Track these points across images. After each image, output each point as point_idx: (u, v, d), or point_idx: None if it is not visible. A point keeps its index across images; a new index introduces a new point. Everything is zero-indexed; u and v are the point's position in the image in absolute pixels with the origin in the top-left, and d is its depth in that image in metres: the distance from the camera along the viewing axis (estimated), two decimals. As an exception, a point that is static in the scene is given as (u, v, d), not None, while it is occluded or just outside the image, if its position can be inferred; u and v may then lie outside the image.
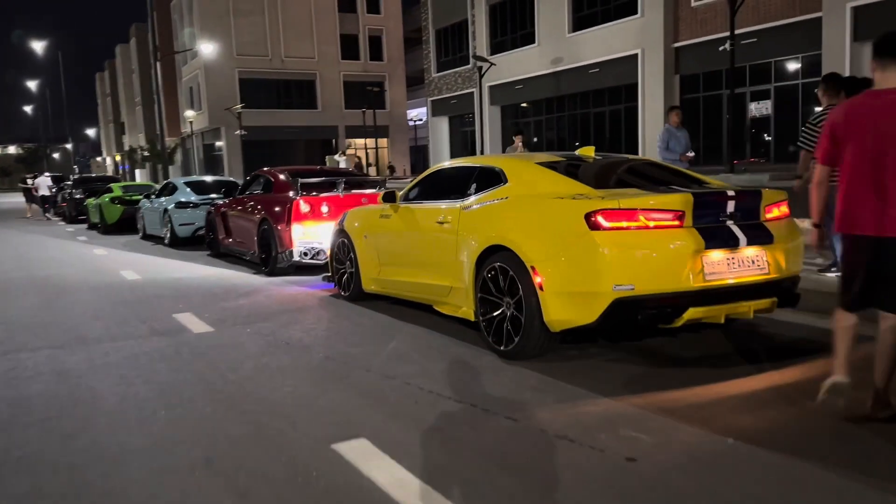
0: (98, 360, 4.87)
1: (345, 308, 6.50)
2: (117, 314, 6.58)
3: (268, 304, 6.85)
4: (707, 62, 23.72)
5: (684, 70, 24.75)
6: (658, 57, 24.92)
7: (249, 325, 5.87)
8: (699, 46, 23.87)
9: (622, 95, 27.25)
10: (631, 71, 25.94)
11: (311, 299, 7.08)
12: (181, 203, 12.73)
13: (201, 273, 9.32)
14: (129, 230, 16.07)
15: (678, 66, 24.87)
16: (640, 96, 25.62)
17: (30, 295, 7.92)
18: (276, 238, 8.51)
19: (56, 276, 9.38)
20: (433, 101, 39.81)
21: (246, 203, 9.71)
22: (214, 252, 11.07)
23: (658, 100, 24.96)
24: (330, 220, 8.34)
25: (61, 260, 11.45)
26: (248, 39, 52.80)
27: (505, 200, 4.68)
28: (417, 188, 5.92)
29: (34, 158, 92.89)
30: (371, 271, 6.36)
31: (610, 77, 27.02)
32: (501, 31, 32.96)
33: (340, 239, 6.90)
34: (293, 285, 7.97)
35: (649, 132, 25.27)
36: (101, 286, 8.38)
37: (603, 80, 27.39)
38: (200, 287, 8.10)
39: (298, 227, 8.32)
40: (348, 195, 8.57)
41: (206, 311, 6.58)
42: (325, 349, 5.03)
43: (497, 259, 4.51)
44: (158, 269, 9.90)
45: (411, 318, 5.83)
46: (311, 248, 8.36)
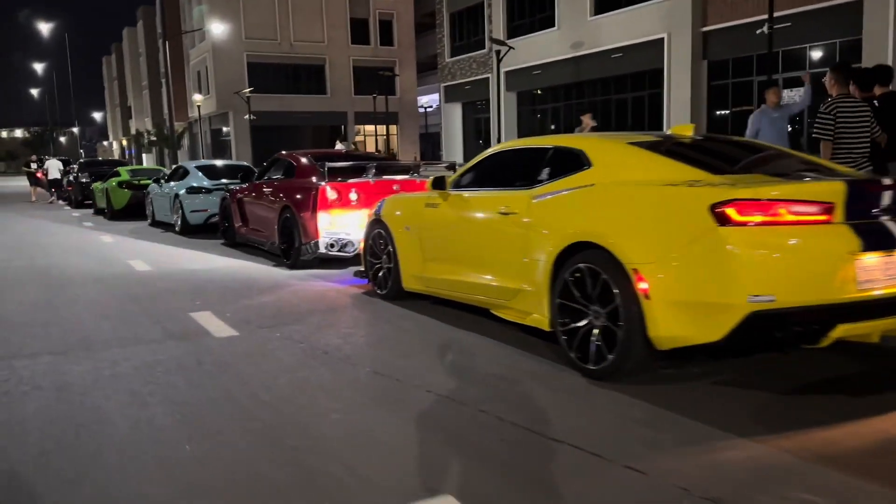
0: (106, 371, 4.14)
1: (383, 309, 5.76)
2: (127, 312, 5.85)
3: (295, 303, 6.11)
4: (737, 47, 22.79)
5: (713, 56, 23.81)
6: (685, 42, 23.99)
7: (277, 328, 5.13)
8: (729, 31, 22.92)
9: (646, 82, 26.33)
10: (656, 56, 25.01)
11: (342, 297, 6.34)
12: (193, 188, 11.99)
13: (217, 264, 8.58)
14: (136, 216, 15.37)
15: (706, 51, 23.93)
16: (666, 83, 24.71)
17: (30, 287, 7.20)
18: (300, 228, 7.77)
19: (59, 266, 8.66)
20: (446, 87, 38.90)
21: (265, 189, 8.96)
22: (229, 241, 10.34)
23: (685, 87, 24.06)
24: (359, 208, 7.61)
25: (66, 247, 10.73)
26: (256, 22, 51.86)
27: (590, 188, 3.91)
28: (471, 173, 5.16)
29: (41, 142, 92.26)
30: (413, 267, 5.61)
31: (633, 62, 26.10)
32: (519, 15, 32.01)
33: (376, 230, 6.15)
34: (319, 280, 7.23)
35: (675, 120, 24.38)
36: (109, 278, 7.65)
37: (626, 65, 26.47)
38: (217, 281, 7.37)
39: (325, 215, 7.57)
40: (379, 181, 7.82)
41: (226, 309, 5.85)
42: (369, 361, 4.29)
43: (583, 259, 3.75)
44: (170, 259, 9.17)
45: (463, 323, 5.08)
46: (339, 240, 7.61)
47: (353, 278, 7.17)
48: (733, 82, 23.67)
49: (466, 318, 5.22)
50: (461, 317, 5.26)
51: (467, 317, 5.24)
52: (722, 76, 23.89)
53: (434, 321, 5.22)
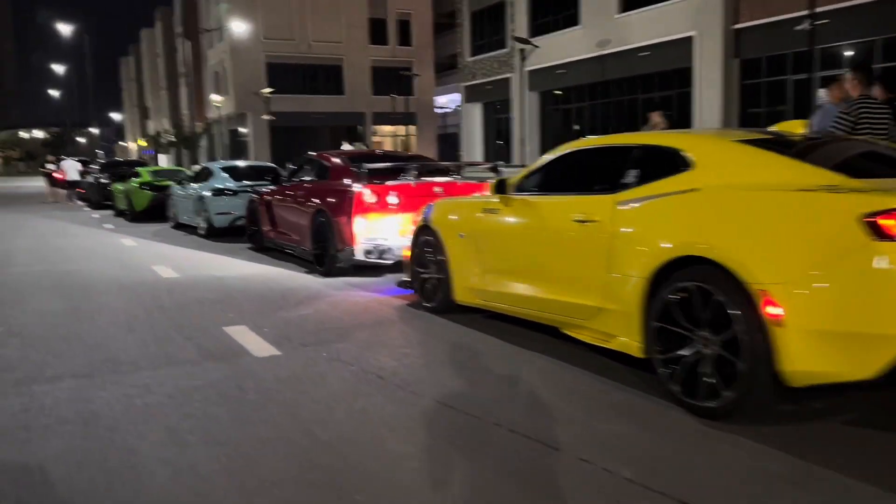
0: (137, 399, 3.67)
1: (435, 324, 5.25)
2: (155, 325, 5.38)
3: (336, 316, 5.62)
4: (771, 45, 22.12)
5: (745, 54, 23.13)
6: (716, 39, 23.33)
7: (323, 347, 4.64)
8: (762, 28, 22.25)
9: (674, 80, 25.69)
10: (685, 54, 24.36)
11: (386, 310, 5.84)
12: (218, 190, 11.56)
13: (246, 271, 8.12)
14: (158, 218, 14.98)
15: (738, 49, 23.26)
16: (696, 81, 24.06)
17: (50, 296, 6.76)
18: (335, 233, 7.29)
19: (81, 272, 8.23)
20: (466, 87, 38.40)
21: (297, 191, 8.49)
22: (257, 246, 9.89)
23: (715, 85, 23.40)
24: (399, 212, 7.12)
25: (86, 251, 10.33)
26: (274, 23, 51.62)
27: (695, 193, 3.38)
28: (537, 176, 4.64)
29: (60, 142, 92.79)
30: (468, 279, 5.10)
31: (661, 61, 25.47)
32: (543, 13, 31.44)
33: (424, 237, 5.64)
34: (358, 290, 6.74)
35: (706, 120, 23.72)
36: (133, 286, 7.21)
37: (653, 64, 25.84)
38: (249, 289, 6.90)
39: (362, 220, 7.08)
40: (419, 184, 7.32)
41: (262, 323, 5.37)
42: (433, 389, 3.78)
43: (690, 276, 3.23)
44: (196, 264, 8.72)
45: (528, 342, 4.57)
46: (377, 247, 7.12)
47: (394, 288, 6.68)
48: (767, 81, 22.98)
49: (530, 336, 4.70)
50: (524, 335, 4.74)
51: (531, 335, 4.72)
52: (754, 75, 23.20)
53: (495, 339, 4.71)
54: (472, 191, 7.54)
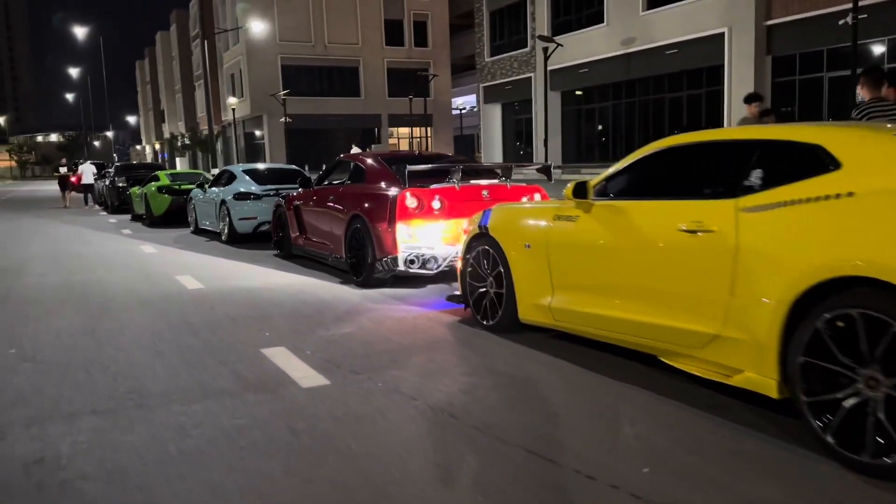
0: (171, 446, 3.09)
1: (498, 346, 4.65)
2: (185, 347, 4.82)
3: (383, 335, 5.03)
4: (805, 41, 21.38)
5: (778, 51, 22.39)
6: (748, 36, 22.61)
7: (376, 375, 4.05)
8: (796, 24, 21.51)
9: (703, 79, 24.98)
10: (715, 52, 23.65)
11: (437, 328, 5.24)
12: (241, 194, 11.03)
13: (276, 281, 7.56)
14: (177, 223, 14.52)
15: (770, 46, 22.52)
16: (726, 79, 23.34)
17: (68, 311, 6.22)
18: (374, 241, 6.71)
19: (100, 283, 7.70)
20: (485, 87, 37.81)
21: (329, 196, 7.92)
22: (284, 253, 9.33)
23: (747, 83, 22.64)
24: (443, 218, 6.55)
25: (104, 259, 9.81)
26: (290, 25, 51.30)
27: (849, 199, 2.76)
28: (624, 177, 4.02)
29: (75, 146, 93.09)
30: (536, 295, 4.50)
31: (690, 59, 24.75)
32: (565, 11, 30.81)
33: (480, 247, 5.04)
34: (400, 303, 6.15)
35: (736, 119, 22.98)
36: (157, 299, 6.66)
37: (681, 62, 25.13)
38: (282, 303, 6.33)
39: (404, 227, 6.50)
40: (465, 187, 6.73)
41: (303, 343, 4.80)
42: (518, 433, 3.17)
43: (853, 300, 2.61)
44: (222, 274, 8.17)
45: (613, 370, 3.96)
46: (420, 255, 6.53)
47: (442, 302, 6.08)
48: (800, 79, 22.22)
49: (612, 361, 4.10)
50: (604, 360, 4.14)
51: (613, 360, 4.11)
52: (788, 72, 22.45)
53: (573, 366, 4.10)
54: (521, 194, 6.96)
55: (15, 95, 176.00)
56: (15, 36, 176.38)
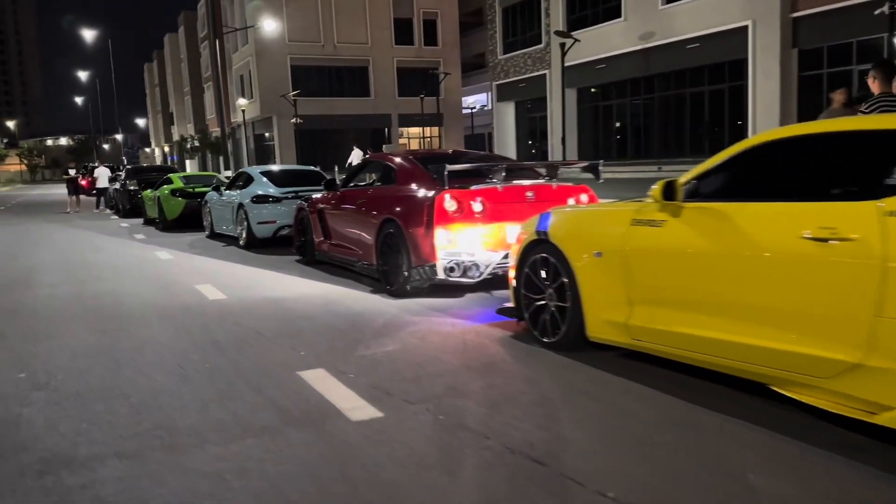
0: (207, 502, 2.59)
1: (565, 369, 4.13)
2: (213, 370, 4.33)
3: (432, 354, 4.53)
4: (833, 34, 20.75)
5: (804, 44, 21.76)
6: (773, 29, 21.97)
7: (434, 405, 3.55)
8: (823, 16, 20.87)
9: (726, 73, 24.36)
10: (738, 45, 23.02)
11: (490, 345, 4.73)
12: (259, 197, 10.55)
13: (302, 291, 7.06)
14: (191, 227, 14.09)
15: (796, 38, 21.89)
16: (751, 74, 22.71)
17: (82, 326, 5.75)
18: (409, 247, 6.21)
19: (113, 295, 7.23)
20: (498, 86, 37.27)
21: (357, 198, 7.43)
22: (307, 259, 8.84)
23: (773, 77, 22.05)
24: (485, 222, 6.04)
25: (118, 267, 9.35)
26: (300, 25, 50.86)
27: None
28: (720, 176, 3.50)
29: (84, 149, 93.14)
30: (609, 310, 3.98)
31: (712, 53, 24.13)
32: (581, 6, 30.21)
33: (538, 255, 4.53)
34: (442, 315, 5.65)
35: (762, 114, 22.38)
36: (177, 312, 6.17)
37: (703, 56, 24.51)
38: (312, 315, 5.83)
39: (443, 232, 5.99)
40: (508, 187, 6.22)
41: (344, 364, 4.30)
42: (619, 483, 2.65)
43: None
44: (244, 283, 7.68)
45: (705, 398, 3.44)
46: (461, 263, 6.02)
47: (488, 313, 5.57)
48: (828, 72, 21.55)
49: (710, 390, 3.58)
50: (697, 387, 3.62)
51: (710, 388, 3.60)
52: (815, 66, 21.80)
53: (662, 395, 3.58)
54: (567, 195, 6.44)
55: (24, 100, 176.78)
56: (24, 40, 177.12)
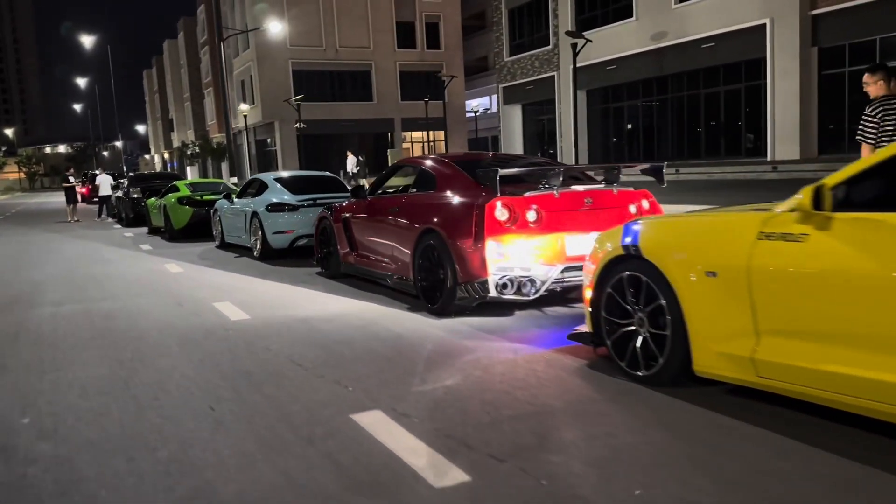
0: None
1: (671, 410, 3.49)
2: (250, 413, 3.69)
3: (501, 389, 3.89)
4: (855, 31, 20.19)
5: (824, 41, 21.19)
6: (792, 27, 21.41)
7: (528, 462, 2.91)
8: (844, 13, 20.32)
9: (742, 73, 23.80)
10: (755, 44, 22.46)
11: (567, 378, 4.08)
12: (274, 205, 9.92)
13: (331, 309, 6.42)
14: (199, 236, 13.50)
15: (816, 36, 21.31)
16: (769, 73, 22.12)
17: (93, 354, 5.11)
18: (455, 261, 5.57)
19: (125, 314, 6.59)
20: (504, 88, 36.71)
21: (390, 206, 6.80)
22: (330, 272, 8.20)
23: (792, 77, 21.47)
24: (540, 232, 5.41)
25: (128, 281, 8.71)
26: (301, 29, 50.27)
27: None
28: (880, 179, 2.87)
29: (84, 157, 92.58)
30: (726, 340, 3.34)
31: (728, 52, 23.57)
32: (590, 6, 29.66)
33: (625, 273, 3.90)
34: (497, 338, 5.01)
35: (781, 114, 21.79)
36: (197, 336, 5.53)
37: (719, 55, 23.95)
38: (350, 339, 5.19)
39: (495, 244, 5.36)
40: (565, 193, 5.59)
41: (402, 403, 3.67)
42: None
43: None
44: (265, 300, 7.04)
45: (870, 453, 2.80)
46: (515, 278, 5.39)
47: (553, 336, 4.94)
48: (850, 70, 20.95)
49: (872, 444, 2.94)
50: (853, 438, 2.98)
51: (872, 442, 2.96)
52: (836, 64, 21.21)
53: (806, 448, 2.94)
54: (629, 200, 5.82)
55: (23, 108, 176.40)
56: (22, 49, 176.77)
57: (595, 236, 5.50)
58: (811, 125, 21.39)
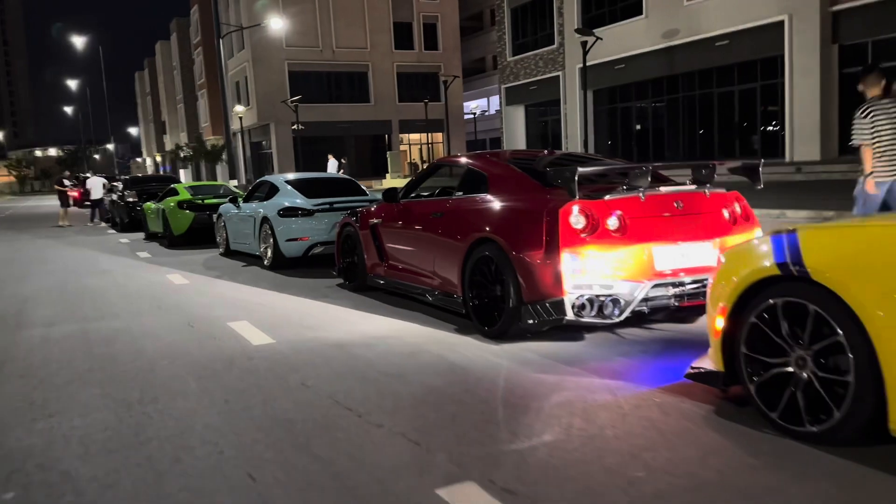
0: None
1: (855, 485, 2.64)
2: (304, 483, 2.82)
3: (620, 449, 3.04)
4: (878, 27, 19.45)
5: (845, 38, 20.45)
6: (812, 23, 20.66)
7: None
8: (868, 8, 19.58)
9: (757, 71, 23.03)
10: (771, 42, 21.70)
11: (700, 431, 3.23)
12: (288, 210, 9.04)
13: (366, 330, 5.55)
14: (200, 242, 12.64)
15: (836, 33, 20.57)
16: (788, 71, 21.36)
17: (89, 394, 4.23)
18: (519, 276, 4.72)
19: (128, 338, 5.70)
20: (507, 89, 35.88)
21: (429, 212, 5.94)
22: (355, 285, 7.33)
23: (811, 75, 20.72)
24: (624, 242, 4.57)
25: (128, 296, 7.82)
26: (297, 29, 49.33)
27: None
28: None
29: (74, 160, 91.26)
30: (941, 392, 2.50)
31: (743, 50, 22.81)
32: (597, 4, 28.88)
33: (779, 299, 3.06)
34: (577, 370, 4.16)
35: (800, 114, 21.04)
36: (217, 367, 4.65)
37: (733, 54, 23.18)
38: (400, 371, 4.33)
39: (571, 256, 4.51)
40: (652, 196, 4.74)
41: (498, 472, 2.83)
42: None
43: None
44: (288, 318, 6.16)
45: None
46: (596, 298, 4.54)
47: (642, 368, 4.09)
48: (873, 68, 20.21)
49: None
50: None
51: None
52: (858, 62, 20.42)
53: None
54: (721, 204, 5.00)
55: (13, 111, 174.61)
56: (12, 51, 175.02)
57: (688, 248, 4.70)
58: (832, 125, 20.65)
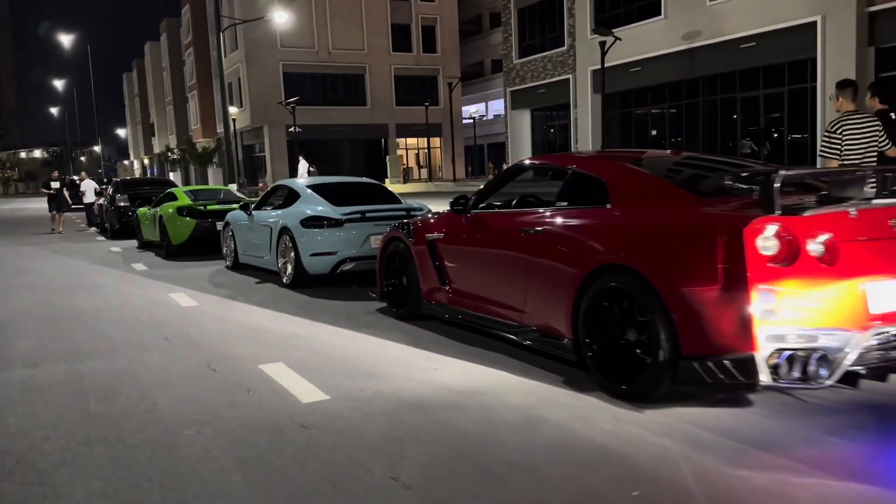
0: None
1: None
2: None
3: None
4: (920, 28, 18.40)
5: (883, 41, 19.36)
6: (847, 25, 19.58)
7: None
8: (907, 9, 18.53)
9: (785, 75, 21.92)
10: (801, 44, 20.60)
11: None
12: (311, 220, 7.73)
13: (446, 380, 4.24)
14: (201, 253, 11.30)
15: (873, 36, 19.50)
16: (820, 75, 20.27)
17: (93, 489, 2.92)
18: (675, 318, 3.44)
19: (134, 386, 4.37)
20: (513, 92, 34.69)
21: (518, 227, 4.63)
22: (404, 312, 6.00)
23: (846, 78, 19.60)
24: (835, 276, 3.30)
25: (126, 321, 6.47)
26: (293, 30, 47.90)
27: None
28: None
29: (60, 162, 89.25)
30: None
31: (770, 53, 21.68)
32: (612, 4, 27.73)
33: None
34: (791, 461, 2.92)
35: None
36: (262, 441, 3.34)
37: (760, 56, 22.04)
38: (527, 457, 3.05)
39: (766, 294, 3.23)
40: (863, 211, 3.46)
41: None
42: None
43: None
44: (336, 360, 4.83)
45: None
46: (800, 352, 3.26)
47: (863, 450, 2.83)
48: (912, 72, 19.20)
49: None
50: None
51: None
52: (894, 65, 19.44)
53: None
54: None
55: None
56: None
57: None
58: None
